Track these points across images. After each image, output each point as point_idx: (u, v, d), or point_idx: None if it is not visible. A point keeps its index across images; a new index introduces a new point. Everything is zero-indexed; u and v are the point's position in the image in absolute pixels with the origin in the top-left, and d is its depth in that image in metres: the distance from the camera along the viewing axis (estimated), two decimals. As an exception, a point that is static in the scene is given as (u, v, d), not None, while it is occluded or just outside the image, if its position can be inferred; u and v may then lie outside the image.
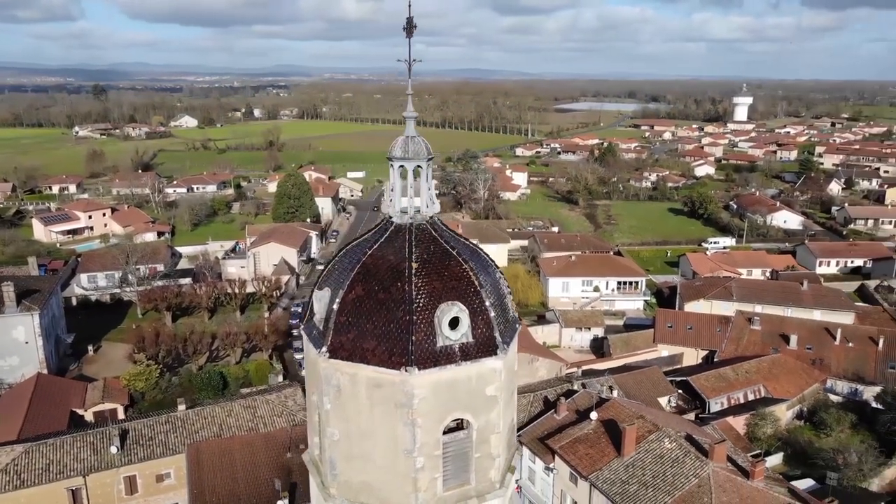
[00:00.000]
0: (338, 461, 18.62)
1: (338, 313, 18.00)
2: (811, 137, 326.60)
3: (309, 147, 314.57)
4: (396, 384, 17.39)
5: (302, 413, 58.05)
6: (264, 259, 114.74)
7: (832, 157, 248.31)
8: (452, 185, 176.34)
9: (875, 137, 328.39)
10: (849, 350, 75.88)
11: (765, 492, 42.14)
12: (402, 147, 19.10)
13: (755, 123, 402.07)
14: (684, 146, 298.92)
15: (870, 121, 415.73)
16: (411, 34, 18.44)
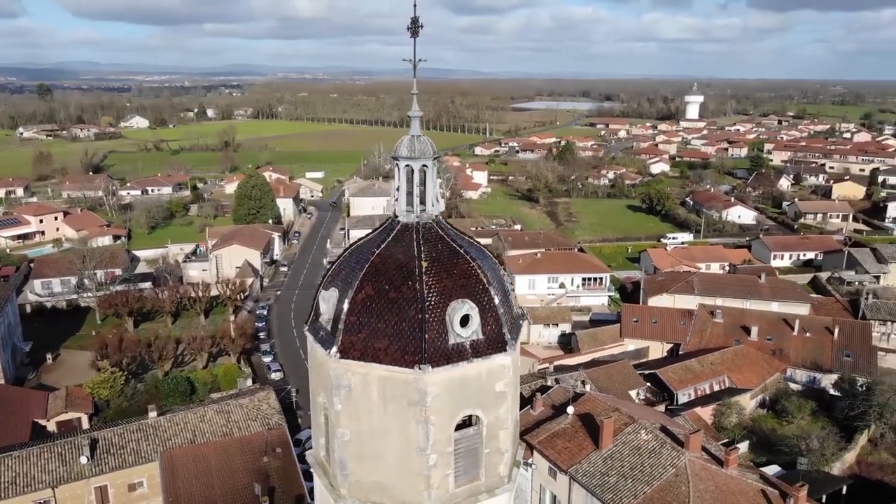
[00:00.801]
0: (348, 461, 18.59)
1: (348, 313, 17.97)
2: (760, 135, 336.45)
3: (265, 147, 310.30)
4: (409, 382, 17.46)
5: (277, 416, 57.46)
6: (227, 261, 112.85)
7: (780, 153, 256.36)
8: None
9: (819, 135, 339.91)
10: (806, 340, 78.56)
11: (739, 479, 43.42)
12: (409, 146, 19.15)
13: (706, 121, 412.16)
14: (639, 144, 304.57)
15: (814, 119, 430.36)
16: (417, 34, 18.49)
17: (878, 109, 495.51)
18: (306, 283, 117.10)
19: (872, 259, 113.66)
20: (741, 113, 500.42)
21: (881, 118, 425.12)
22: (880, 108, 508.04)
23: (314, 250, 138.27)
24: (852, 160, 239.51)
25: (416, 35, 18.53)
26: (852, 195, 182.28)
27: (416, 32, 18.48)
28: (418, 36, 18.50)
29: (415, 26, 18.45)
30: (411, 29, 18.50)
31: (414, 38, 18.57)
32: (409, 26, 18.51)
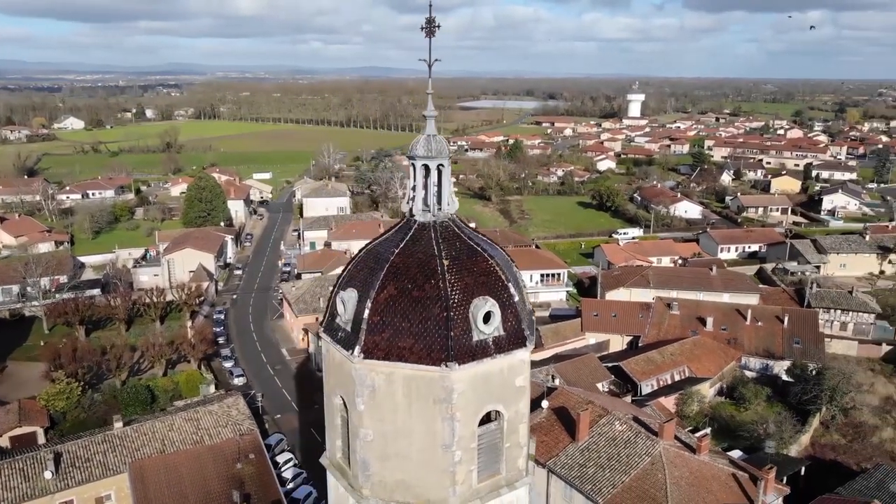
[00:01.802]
0: (371, 461, 18.56)
1: (371, 313, 17.94)
2: (699, 132, 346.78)
3: (209, 148, 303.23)
4: (435, 380, 17.57)
5: (248, 422, 56.49)
6: (179, 266, 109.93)
7: (720, 149, 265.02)
8: (367, 185, 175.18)
9: (755, 131, 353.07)
10: (758, 329, 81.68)
11: (711, 464, 44.97)
12: (425, 146, 19.21)
13: (648, 119, 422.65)
14: (585, 142, 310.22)
15: (749, 116, 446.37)
16: (433, 34, 18.57)
17: (807, 107, 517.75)
18: (262, 285, 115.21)
19: (813, 250, 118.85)
20: (680, 111, 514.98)
21: (811, 115, 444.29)
22: (809, 106, 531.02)
23: (268, 252, 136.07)
24: (787, 155, 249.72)
25: (431, 35, 18.60)
26: (789, 189, 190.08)
27: (433, 32, 18.56)
28: (434, 36, 18.57)
29: (430, 26, 18.52)
30: (426, 29, 18.56)
31: (429, 38, 18.64)
32: (423, 26, 18.57)
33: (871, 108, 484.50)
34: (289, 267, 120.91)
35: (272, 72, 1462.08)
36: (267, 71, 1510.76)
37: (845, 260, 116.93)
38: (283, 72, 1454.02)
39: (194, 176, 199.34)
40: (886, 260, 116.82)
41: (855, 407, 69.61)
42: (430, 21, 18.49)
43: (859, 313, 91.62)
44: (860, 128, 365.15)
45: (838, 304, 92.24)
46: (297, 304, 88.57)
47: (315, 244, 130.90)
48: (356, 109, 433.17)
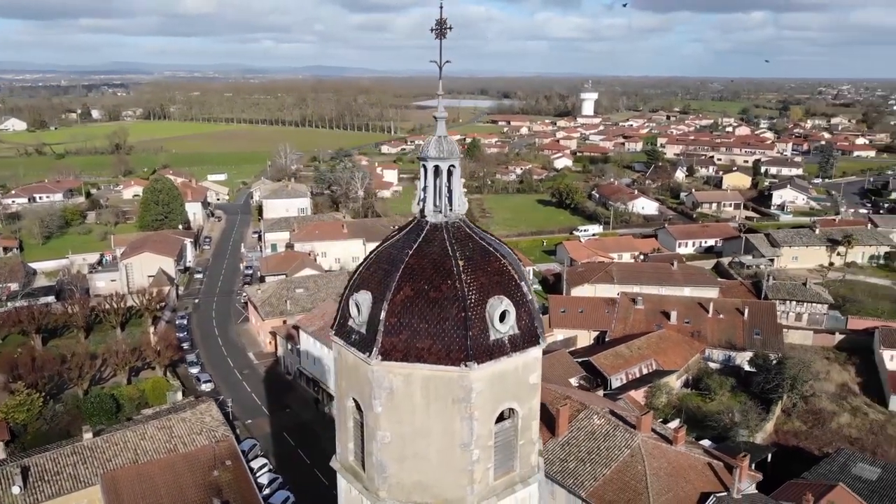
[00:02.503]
0: (389, 463, 18.54)
1: (387, 315, 17.92)
2: (651, 130, 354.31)
3: (161, 149, 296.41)
4: (454, 380, 17.67)
5: (223, 428, 55.53)
6: (138, 270, 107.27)
7: (673, 147, 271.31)
8: (327, 185, 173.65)
9: (705, 129, 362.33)
10: (720, 321, 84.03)
11: (687, 454, 46.13)
12: (437, 147, 19.26)
13: (601, 117, 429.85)
14: (542, 140, 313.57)
15: (698, 114, 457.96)
16: (444, 36, 18.64)
17: (753, 105, 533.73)
18: (224, 289, 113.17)
19: (767, 244, 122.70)
20: (632, 109, 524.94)
21: (756, 113, 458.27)
22: (755, 104, 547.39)
23: (228, 255, 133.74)
24: (737, 152, 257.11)
25: (443, 37, 18.67)
26: (741, 185, 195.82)
27: (444, 34, 18.62)
28: (445, 38, 18.64)
29: (441, 28, 18.58)
30: (437, 31, 18.62)
31: (440, 39, 18.70)
32: (433, 28, 18.63)
33: (813, 105, 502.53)
34: (251, 270, 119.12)
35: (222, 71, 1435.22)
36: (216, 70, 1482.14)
37: (797, 253, 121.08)
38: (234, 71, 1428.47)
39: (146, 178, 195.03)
40: (835, 252, 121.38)
41: (814, 394, 72.28)
42: (440, 23, 18.56)
43: (813, 304, 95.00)
44: (803, 125, 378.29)
45: (793, 296, 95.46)
46: (264, 308, 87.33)
47: (276, 246, 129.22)
48: (311, 109, 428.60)
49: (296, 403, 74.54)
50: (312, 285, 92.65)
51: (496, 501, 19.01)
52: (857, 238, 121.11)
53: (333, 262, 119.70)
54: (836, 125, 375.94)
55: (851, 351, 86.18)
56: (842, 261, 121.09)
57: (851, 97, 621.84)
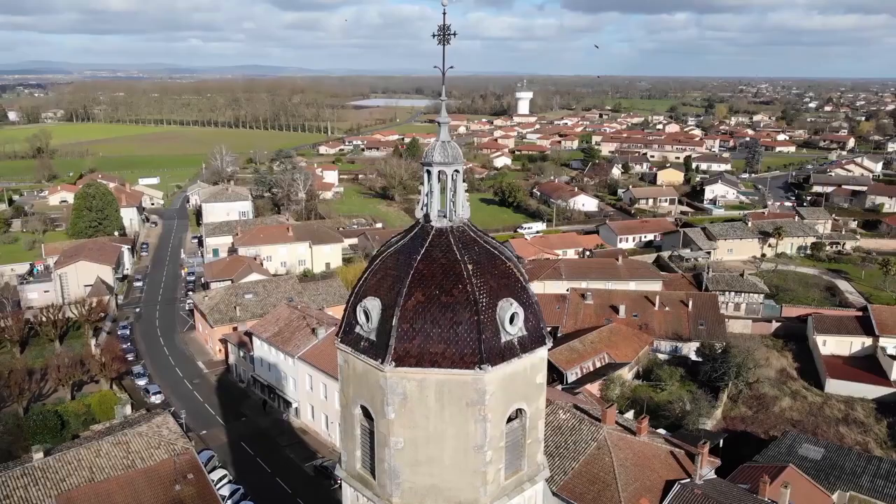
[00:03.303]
0: (402, 469, 18.55)
1: (400, 321, 17.91)
2: (586, 128, 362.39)
3: (87, 153, 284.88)
4: (468, 383, 17.83)
5: (182, 441, 53.86)
6: (73, 280, 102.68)
7: (608, 144, 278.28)
8: (268, 187, 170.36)
9: (636, 126, 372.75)
10: (666, 314, 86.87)
11: (650, 444, 47.62)
12: (442, 152, 19.39)
13: (537, 116, 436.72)
14: (480, 139, 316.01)
15: (629, 112, 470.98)
16: (447, 42, 18.72)
17: (680, 103, 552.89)
18: (167, 297, 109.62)
19: (703, 237, 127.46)
20: (566, 107, 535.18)
21: (684, 110, 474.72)
22: (682, 102, 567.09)
23: (168, 262, 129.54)
24: (669, 149, 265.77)
25: (446, 43, 18.75)
26: (674, 181, 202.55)
27: (448, 41, 18.71)
28: (449, 44, 18.73)
29: (444, 34, 18.66)
30: (439, 36, 18.70)
31: (443, 45, 18.78)
32: (436, 33, 18.70)
33: (735, 103, 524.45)
34: (193, 276, 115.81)
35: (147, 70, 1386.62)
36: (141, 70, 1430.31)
37: (732, 245, 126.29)
38: (160, 70, 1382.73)
39: (73, 183, 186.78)
40: (767, 244, 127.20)
41: (757, 381, 75.67)
42: (444, 28, 18.64)
43: (750, 294, 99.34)
44: (728, 122, 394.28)
45: (732, 287, 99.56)
46: (212, 315, 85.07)
47: (218, 251, 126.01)
48: (244, 110, 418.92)
49: (251, 411, 73.01)
50: (262, 290, 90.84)
51: (507, 501, 19.28)
52: (786, 230, 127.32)
53: (279, 266, 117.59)
54: (759, 122, 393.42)
55: (787, 338, 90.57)
56: (773, 252, 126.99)
57: (770, 95, 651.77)
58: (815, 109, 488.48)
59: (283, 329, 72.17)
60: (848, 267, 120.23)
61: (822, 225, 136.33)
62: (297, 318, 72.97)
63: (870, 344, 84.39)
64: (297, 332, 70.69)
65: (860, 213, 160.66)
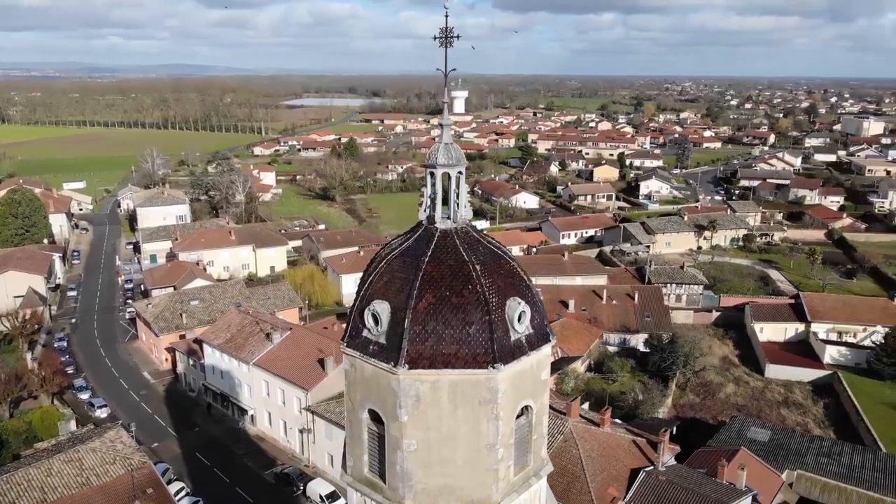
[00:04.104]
0: (415, 470, 18.57)
1: (412, 324, 17.91)
2: (521, 126, 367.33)
3: (4, 156, 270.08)
4: (481, 382, 18.01)
5: (138, 455, 51.96)
6: (2, 291, 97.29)
7: (544, 142, 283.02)
8: (205, 190, 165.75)
9: (569, 124, 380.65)
10: (614, 307, 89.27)
11: (614, 434, 48.95)
12: (446, 154, 19.48)
13: (472, 115, 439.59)
14: (418, 138, 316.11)
15: (562, 110, 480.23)
16: (450, 45, 18.81)
17: (610, 101, 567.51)
18: (104, 306, 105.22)
19: (643, 231, 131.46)
20: (500, 106, 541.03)
21: (614, 109, 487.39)
22: (612, 100, 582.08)
23: (102, 269, 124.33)
24: (603, 146, 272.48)
25: (449, 45, 18.84)
26: (610, 177, 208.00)
27: (450, 43, 18.80)
28: (452, 46, 18.83)
29: (446, 36, 18.75)
30: (441, 39, 18.77)
31: (446, 48, 18.86)
32: (438, 36, 18.76)
33: (662, 101, 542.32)
34: (131, 283, 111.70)
35: (64, 69, 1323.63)
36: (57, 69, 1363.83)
37: (669, 239, 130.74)
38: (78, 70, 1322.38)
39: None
40: (702, 237, 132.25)
41: (703, 369, 78.72)
42: (446, 30, 18.73)
43: (690, 285, 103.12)
44: (657, 119, 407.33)
45: (673, 279, 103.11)
46: (157, 323, 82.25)
47: (156, 257, 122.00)
48: (173, 110, 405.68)
49: (204, 421, 71.02)
50: (208, 296, 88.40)
51: (516, 497, 19.57)
52: (720, 223, 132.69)
53: (222, 271, 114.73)
54: (685, 119, 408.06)
55: (727, 326, 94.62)
56: (708, 244, 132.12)
57: (694, 93, 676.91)
58: (737, 107, 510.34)
59: (235, 335, 70.50)
60: (777, 257, 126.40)
61: (753, 217, 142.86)
62: (250, 323, 71.43)
63: (802, 329, 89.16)
64: (250, 338, 69.20)
65: (784, 205, 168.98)
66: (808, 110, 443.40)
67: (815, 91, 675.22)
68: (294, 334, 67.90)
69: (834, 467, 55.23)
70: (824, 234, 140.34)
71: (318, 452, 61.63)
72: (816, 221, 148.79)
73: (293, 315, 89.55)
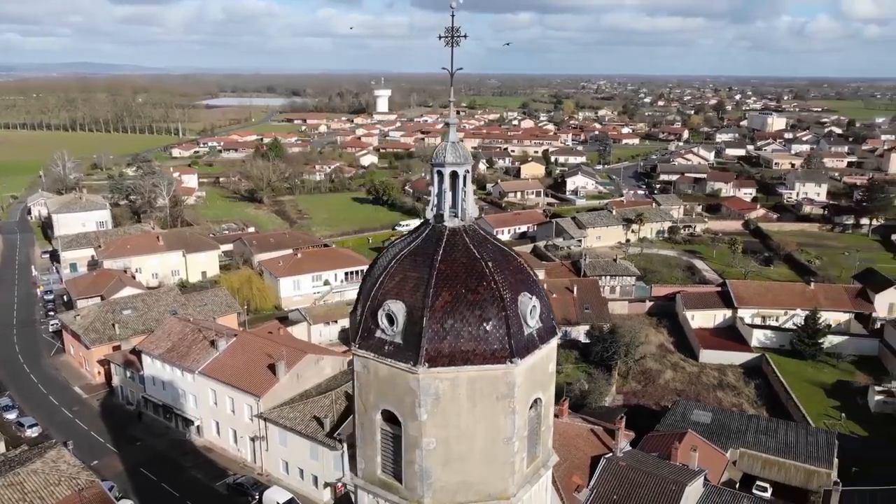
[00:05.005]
0: (434, 468, 18.64)
1: (430, 322, 17.96)
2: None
3: None
4: (499, 378, 18.28)
5: (85, 474, 49.42)
6: None
7: (470, 140, 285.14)
8: (125, 194, 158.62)
9: (493, 123, 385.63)
10: (554, 300, 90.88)
11: (572, 424, 50.26)
12: (453, 153, 19.60)
13: (397, 114, 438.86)
14: (343, 138, 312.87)
15: (485, 109, 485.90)
16: (457, 44, 18.91)
17: (531, 100, 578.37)
18: (22, 319, 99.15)
19: (574, 226, 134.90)
20: (423, 105, 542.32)
21: (535, 107, 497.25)
22: (532, 99, 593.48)
23: (17, 280, 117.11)
24: (527, 144, 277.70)
25: (455, 45, 18.93)
26: (537, 174, 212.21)
27: (457, 42, 18.90)
28: (458, 45, 18.93)
29: (452, 35, 18.84)
30: (446, 38, 18.86)
31: (452, 47, 18.95)
32: (443, 35, 18.84)
33: (581, 99, 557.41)
34: (52, 294, 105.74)
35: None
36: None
37: (600, 233, 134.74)
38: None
39: None
40: (630, 230, 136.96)
41: (643, 357, 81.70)
42: (452, 30, 18.83)
43: (623, 277, 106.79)
44: (577, 117, 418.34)
45: (607, 271, 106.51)
46: (88, 335, 78.27)
47: (77, 265, 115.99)
48: (81, 111, 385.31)
49: (145, 434, 68.18)
50: (141, 305, 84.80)
51: (529, 488, 19.95)
52: (646, 216, 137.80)
53: (151, 278, 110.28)
54: (603, 116, 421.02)
55: (660, 315, 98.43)
56: (636, 237, 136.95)
57: (610, 91, 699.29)
58: (651, 104, 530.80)
59: (177, 344, 67.98)
60: (701, 247, 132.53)
61: (676, 210, 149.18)
62: (192, 331, 69.04)
63: (730, 315, 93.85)
64: (193, 346, 66.92)
65: (703, 198, 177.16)
66: (717, 107, 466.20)
67: (721, 89, 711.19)
68: (241, 340, 66.15)
69: (772, 444, 58.55)
70: (741, 225, 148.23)
71: (271, 460, 60.33)
72: (733, 213, 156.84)
73: (232, 321, 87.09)
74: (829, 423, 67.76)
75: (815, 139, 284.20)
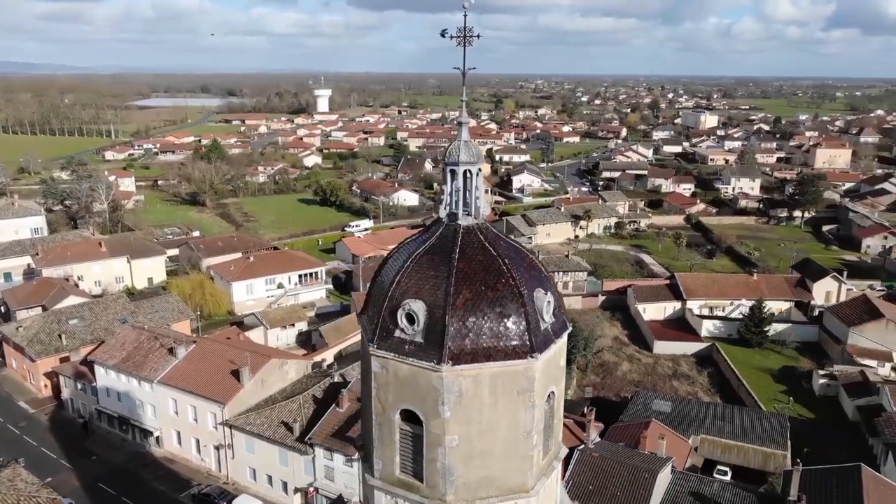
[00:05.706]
0: (456, 466, 18.74)
1: (451, 321, 18.06)
2: (389, 124, 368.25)
3: None
4: (520, 373, 18.54)
5: (45, 492, 47.39)
6: None
7: (415, 140, 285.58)
8: (60, 199, 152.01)
9: (436, 122, 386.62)
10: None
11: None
12: (467, 152, 19.77)
13: (338, 114, 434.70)
14: (284, 139, 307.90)
15: (426, 108, 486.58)
16: (470, 43, 19.04)
17: (471, 99, 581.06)
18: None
19: (525, 223, 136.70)
20: (364, 105, 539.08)
21: (476, 106, 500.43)
22: (473, 98, 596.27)
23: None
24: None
25: (468, 44, 19.05)
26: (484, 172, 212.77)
27: (470, 42, 19.03)
28: (471, 45, 19.06)
29: (465, 35, 18.97)
30: (458, 38, 18.98)
31: (464, 47, 19.07)
32: (455, 35, 18.95)
33: (520, 98, 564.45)
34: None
35: None
36: None
37: (549, 230, 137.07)
38: None
39: None
40: (578, 226, 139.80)
41: (601, 350, 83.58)
42: (464, 30, 18.95)
43: (575, 272, 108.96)
44: (517, 116, 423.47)
45: (560, 267, 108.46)
46: (33, 347, 74.78)
47: (11, 275, 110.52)
48: (4, 112, 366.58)
49: (100, 448, 65.70)
50: (88, 314, 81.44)
51: (545, 480, 20.30)
52: (594, 213, 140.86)
53: (94, 286, 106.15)
54: (544, 115, 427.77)
55: (612, 309, 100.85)
56: (584, 233, 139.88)
57: (548, 91, 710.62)
58: (588, 103, 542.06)
59: (132, 353, 65.72)
60: (647, 242, 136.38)
61: (622, 206, 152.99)
62: (147, 339, 66.89)
63: (679, 307, 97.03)
64: (150, 355, 64.85)
65: (645, 193, 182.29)
66: (651, 106, 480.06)
67: (654, 88, 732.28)
68: (200, 347, 64.49)
69: (730, 429, 60.96)
70: (683, 219, 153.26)
71: (238, 468, 59.11)
72: (674, 208, 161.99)
73: (185, 327, 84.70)
74: (779, 407, 70.89)
75: (745, 136, 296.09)
